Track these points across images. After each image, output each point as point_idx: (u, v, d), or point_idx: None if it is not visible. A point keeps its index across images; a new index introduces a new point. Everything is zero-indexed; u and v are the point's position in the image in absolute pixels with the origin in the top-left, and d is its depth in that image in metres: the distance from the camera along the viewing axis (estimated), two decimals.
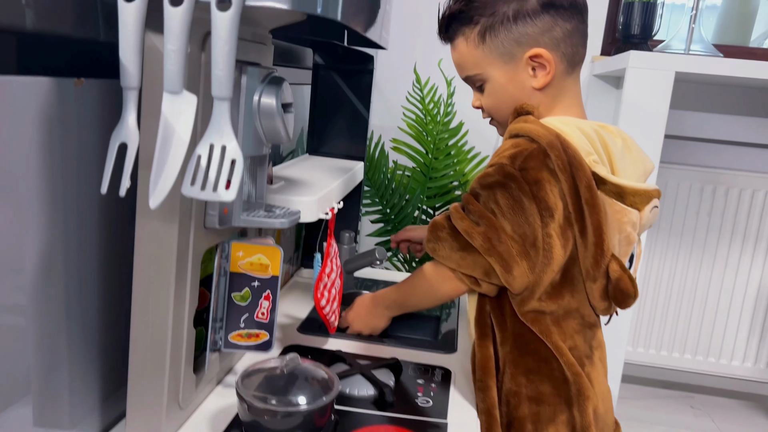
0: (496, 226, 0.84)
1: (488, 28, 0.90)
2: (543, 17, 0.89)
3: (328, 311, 0.99)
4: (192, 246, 0.72)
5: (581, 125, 0.90)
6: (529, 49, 0.90)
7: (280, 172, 1.13)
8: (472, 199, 0.87)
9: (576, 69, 0.94)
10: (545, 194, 0.83)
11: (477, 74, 0.94)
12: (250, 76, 0.73)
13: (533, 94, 0.92)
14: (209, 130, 0.57)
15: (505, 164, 0.84)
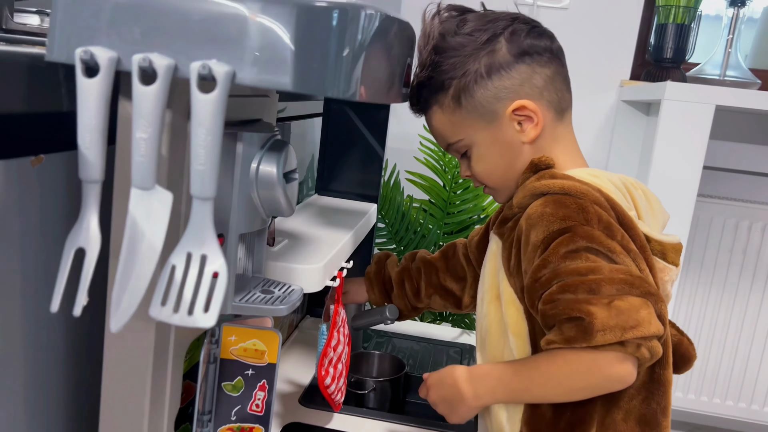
0: (611, 267, 0.70)
1: (462, 90, 0.80)
2: (518, 66, 0.79)
3: (333, 390, 0.88)
4: (173, 339, 0.61)
5: (611, 178, 0.80)
6: (511, 102, 0.80)
7: (283, 223, 1.02)
8: (562, 270, 0.70)
9: (565, 115, 0.84)
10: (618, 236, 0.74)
11: (459, 141, 0.84)
12: (246, 143, 0.62)
13: (524, 150, 0.82)
14: (186, 235, 0.46)
15: (572, 225, 0.72)
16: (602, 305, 0.68)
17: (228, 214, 0.63)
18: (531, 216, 0.75)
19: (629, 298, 0.69)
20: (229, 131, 0.61)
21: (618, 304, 0.68)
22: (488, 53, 0.79)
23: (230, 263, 0.65)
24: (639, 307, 0.68)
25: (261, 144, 0.64)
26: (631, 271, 0.71)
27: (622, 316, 0.67)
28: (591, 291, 0.69)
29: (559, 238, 0.72)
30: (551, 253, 0.72)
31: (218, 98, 0.43)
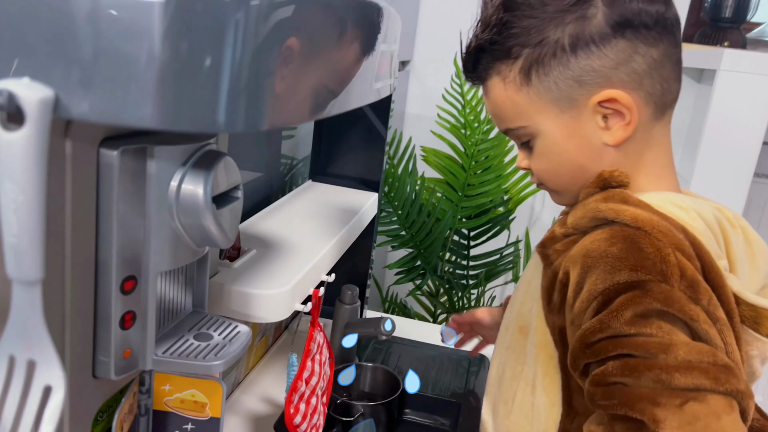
0: (688, 342, 0.53)
1: (535, 62, 0.61)
2: (616, 43, 0.59)
3: (304, 429, 0.75)
4: (68, 411, 0.48)
5: (702, 211, 0.61)
6: (598, 90, 0.60)
7: (257, 225, 0.88)
8: (624, 341, 0.54)
9: (667, 112, 0.64)
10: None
11: (521, 127, 0.65)
12: (160, 160, 0.48)
13: (606, 153, 0.63)
14: (6, 332, 0.32)
15: (646, 280, 0.54)
16: (672, 408, 0.51)
17: (140, 251, 0.49)
18: (590, 252, 0.57)
19: (710, 398, 0.51)
20: (136, 146, 0.47)
21: (693, 408, 0.51)
22: (577, 19, 0.60)
23: (147, 309, 0.51)
24: (721, 411, 0.51)
25: (183, 159, 0.50)
26: (716, 355, 0.53)
27: (698, 424, 0.51)
28: (659, 381, 0.52)
29: (626, 294, 0.54)
30: (613, 315, 0.54)
31: (30, 139, 0.28)
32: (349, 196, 1.08)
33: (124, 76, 0.29)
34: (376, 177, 1.13)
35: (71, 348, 0.47)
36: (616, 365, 0.54)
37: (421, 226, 1.46)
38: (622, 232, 0.57)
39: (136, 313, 0.51)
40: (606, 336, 0.54)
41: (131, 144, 0.47)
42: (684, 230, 0.57)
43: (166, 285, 0.56)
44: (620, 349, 0.53)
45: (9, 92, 0.27)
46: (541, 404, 0.63)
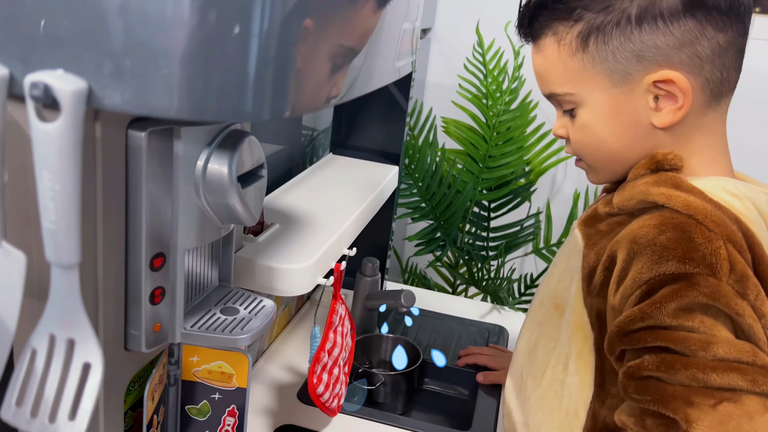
0: (728, 340, 0.54)
1: (596, 29, 0.59)
2: (685, 22, 0.57)
3: (327, 398, 0.78)
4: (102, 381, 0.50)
5: (756, 199, 0.60)
6: (656, 69, 0.58)
7: (280, 200, 0.89)
8: (664, 334, 0.54)
9: (723, 101, 0.62)
10: None
11: (568, 93, 0.63)
12: (186, 140, 0.49)
13: (652, 135, 0.61)
14: (47, 312, 0.34)
15: (693, 273, 0.54)
16: (706, 408, 0.52)
17: (168, 229, 0.51)
18: (638, 238, 0.57)
19: (745, 399, 0.52)
20: (163, 127, 0.48)
21: (727, 408, 0.52)
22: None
23: (176, 286, 0.53)
24: (755, 412, 0.52)
25: (208, 139, 0.51)
26: (756, 355, 0.53)
27: (730, 425, 0.51)
28: (695, 380, 0.52)
29: (672, 286, 0.54)
30: (656, 306, 0.54)
31: (65, 129, 0.29)
32: (369, 169, 1.09)
33: (154, 68, 0.30)
34: (396, 150, 1.14)
35: (104, 323, 0.49)
36: (653, 360, 0.54)
37: (441, 198, 1.46)
38: (672, 220, 0.56)
39: (165, 288, 0.53)
40: (646, 326, 0.55)
41: (158, 125, 0.47)
42: (737, 221, 0.56)
43: (194, 261, 0.57)
44: (659, 341, 0.54)
45: (45, 84, 0.28)
46: (573, 384, 0.64)
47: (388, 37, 0.48)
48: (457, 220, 1.48)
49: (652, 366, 0.54)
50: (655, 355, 0.54)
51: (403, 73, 0.60)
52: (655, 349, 0.55)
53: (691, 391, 0.52)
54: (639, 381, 0.55)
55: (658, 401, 0.53)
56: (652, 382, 0.54)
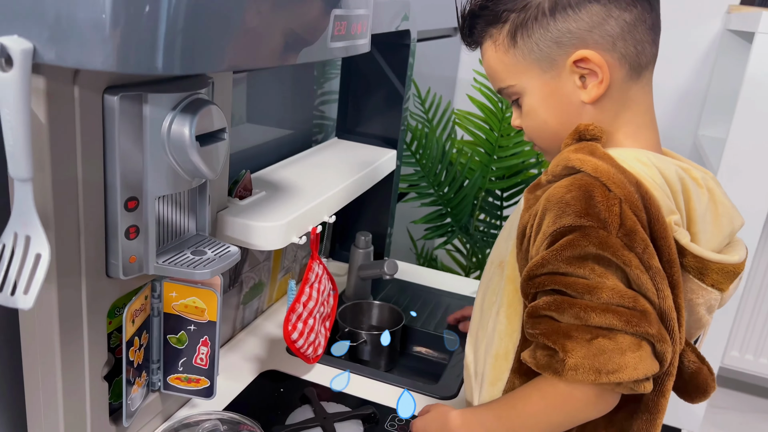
0: (614, 287, 0.61)
1: (519, 26, 0.68)
2: (590, 7, 0.66)
3: (302, 344, 0.88)
4: (86, 300, 0.63)
5: (664, 168, 0.67)
6: (574, 51, 0.67)
7: (276, 173, 1.00)
8: (558, 278, 0.62)
9: (644, 74, 0.70)
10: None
11: (510, 86, 0.72)
12: (153, 105, 0.60)
13: (584, 110, 0.69)
14: (12, 216, 0.46)
15: (586, 226, 0.61)
16: (582, 341, 0.60)
17: (140, 178, 0.62)
18: (550, 197, 0.65)
19: (619, 337, 0.59)
20: (134, 92, 0.60)
21: (601, 343, 0.59)
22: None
23: (148, 226, 0.64)
24: (626, 348, 0.59)
25: (173, 105, 0.62)
26: (637, 301, 0.60)
27: (602, 357, 0.59)
28: (577, 318, 0.60)
29: (568, 236, 0.61)
30: (554, 254, 0.62)
31: (18, 77, 0.41)
32: (368, 152, 1.18)
33: (79, 33, 0.41)
34: (395, 135, 1.23)
35: (86, 252, 0.61)
36: (548, 300, 0.63)
37: (449, 185, 1.54)
38: (580, 180, 0.64)
39: (139, 227, 0.64)
40: (546, 271, 0.63)
41: (129, 91, 0.59)
42: (638, 184, 0.63)
43: (168, 208, 0.69)
44: (555, 284, 0.62)
45: (2, 45, 0.40)
46: (503, 330, 0.72)
47: (311, 21, 0.58)
48: (467, 207, 1.56)
49: (545, 306, 0.62)
50: (550, 297, 0.62)
51: (352, 51, 0.70)
52: (552, 292, 0.63)
53: (573, 327, 0.60)
54: (535, 319, 0.63)
55: (545, 335, 0.62)
56: (545, 320, 0.62)
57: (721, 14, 1.91)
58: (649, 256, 0.62)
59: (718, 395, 2.07)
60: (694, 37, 1.93)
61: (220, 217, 0.81)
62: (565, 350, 0.60)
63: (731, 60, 1.85)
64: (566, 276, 0.62)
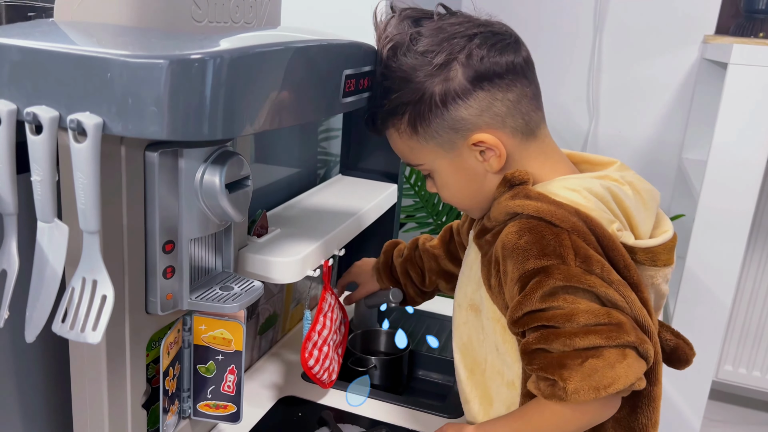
0: (587, 309, 0.68)
1: (417, 116, 0.74)
2: (476, 94, 0.72)
3: (318, 371, 0.95)
4: (129, 335, 0.70)
5: (591, 187, 0.74)
6: (469, 134, 0.74)
7: (288, 211, 1.08)
8: (538, 315, 0.69)
9: (538, 132, 0.77)
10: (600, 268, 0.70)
11: (420, 164, 0.80)
12: (187, 159, 0.68)
13: (490, 177, 0.77)
14: (81, 263, 0.53)
15: (547, 265, 0.68)
16: (575, 367, 0.67)
17: (176, 223, 0.70)
18: (506, 245, 0.72)
19: (605, 353, 0.67)
20: (171, 149, 0.67)
21: (592, 363, 0.66)
22: (443, 80, 0.72)
23: (183, 265, 0.72)
24: (614, 362, 0.66)
25: (205, 157, 0.69)
26: (611, 316, 0.67)
27: (596, 376, 0.66)
28: (566, 345, 0.67)
29: (535, 279, 0.69)
30: (527, 296, 0.69)
31: (90, 147, 0.48)
32: (370, 188, 1.26)
33: (141, 108, 0.49)
34: (395, 170, 1.31)
35: (129, 291, 0.68)
36: (535, 336, 0.70)
37: (446, 215, 1.62)
38: (527, 224, 0.71)
39: (174, 267, 0.71)
40: (524, 312, 0.70)
41: (167, 147, 0.67)
42: (577, 212, 0.71)
43: (200, 249, 0.76)
44: (536, 321, 0.69)
45: (78, 120, 0.48)
46: (509, 361, 0.78)
47: (326, 83, 0.66)
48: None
49: (534, 341, 0.69)
50: (536, 332, 0.69)
51: (358, 105, 0.77)
52: (537, 328, 0.69)
53: (565, 355, 0.67)
54: (529, 354, 0.70)
55: (542, 368, 0.69)
56: (538, 354, 0.69)
57: (698, 43, 2.02)
58: (608, 273, 0.70)
59: (714, 409, 2.13)
60: (674, 64, 2.03)
61: (241, 254, 0.88)
62: (563, 379, 0.67)
63: (709, 87, 1.95)
64: (544, 311, 0.69)
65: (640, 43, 2.03)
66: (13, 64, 0.51)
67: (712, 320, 1.66)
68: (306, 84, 0.63)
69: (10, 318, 0.55)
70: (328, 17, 1.36)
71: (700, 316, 1.66)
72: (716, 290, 1.64)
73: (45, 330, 0.61)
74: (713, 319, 1.66)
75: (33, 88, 0.50)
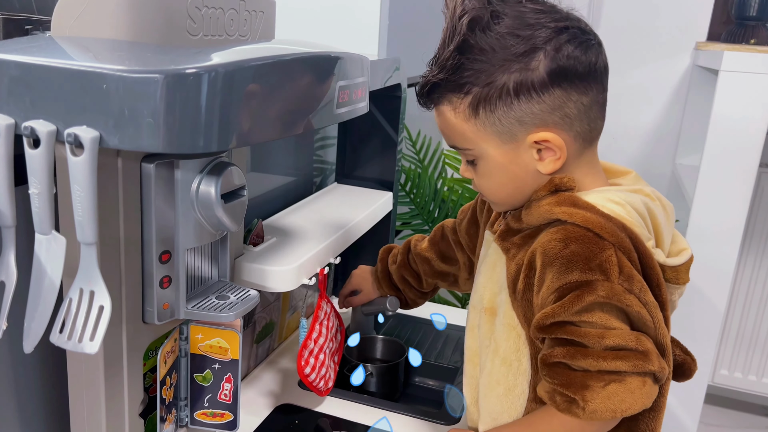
0: (618, 332, 0.68)
1: (483, 100, 0.71)
2: (552, 91, 0.69)
3: (314, 378, 0.95)
4: (126, 344, 0.70)
5: (633, 202, 0.74)
6: (535, 130, 0.71)
7: (284, 219, 1.09)
8: (570, 329, 0.69)
9: (594, 143, 0.76)
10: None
11: (468, 149, 0.76)
12: (183, 170, 0.69)
13: (539, 178, 0.75)
14: (78, 274, 0.54)
15: (592, 280, 0.68)
16: (598, 389, 0.67)
17: (172, 233, 0.71)
18: (548, 252, 0.70)
19: (627, 379, 0.68)
20: (167, 160, 0.68)
21: (613, 388, 0.67)
22: (522, 68, 0.69)
23: (179, 275, 0.72)
24: (635, 388, 0.68)
25: (200, 168, 0.70)
26: (639, 342, 0.68)
27: (615, 399, 0.67)
28: (591, 365, 0.68)
29: (576, 291, 0.68)
30: (564, 307, 0.68)
31: (87, 160, 0.49)
32: (365, 195, 1.27)
33: (138, 123, 0.50)
34: (390, 177, 1.32)
35: (126, 301, 0.69)
36: (561, 350, 0.70)
37: (434, 220, 1.63)
38: (574, 234, 0.69)
39: (171, 277, 0.72)
40: (556, 321, 0.70)
41: (163, 159, 0.68)
42: (624, 227, 0.70)
43: (196, 259, 0.77)
44: (565, 334, 0.69)
45: (75, 134, 0.49)
46: (518, 370, 0.78)
47: (320, 94, 0.67)
48: None
49: (559, 355, 0.69)
50: (563, 347, 0.69)
51: (354, 114, 0.79)
52: (563, 341, 0.69)
53: (588, 375, 0.68)
54: (550, 366, 0.70)
55: (563, 385, 0.69)
56: (560, 368, 0.70)
57: (689, 50, 2.04)
58: (645, 293, 0.69)
59: (710, 413, 2.14)
60: (667, 72, 2.05)
61: (237, 263, 0.89)
62: (585, 399, 0.68)
63: (701, 93, 1.97)
64: (575, 326, 0.69)
65: (633, 50, 2.05)
66: (11, 78, 0.51)
67: (708, 325, 1.67)
68: (300, 96, 0.64)
69: (8, 329, 0.56)
70: (322, 28, 1.37)
71: (696, 320, 1.67)
72: (711, 295, 1.65)
73: (43, 340, 0.61)
74: (708, 323, 1.67)
75: (31, 102, 0.51)
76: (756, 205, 1.93)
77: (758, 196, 1.94)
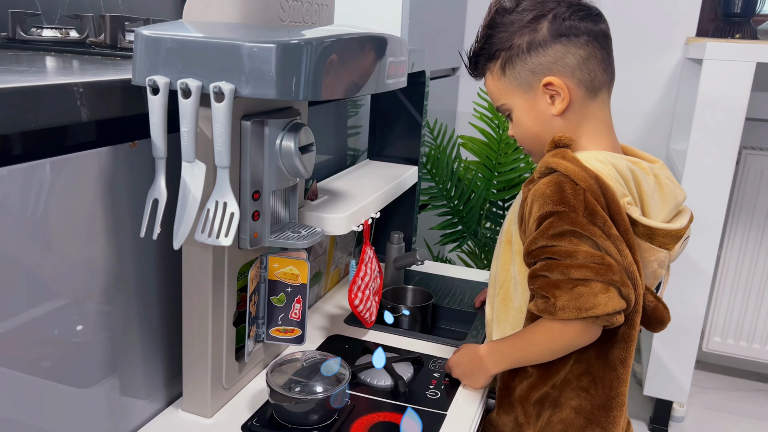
0: (586, 251, 0.86)
1: (507, 60, 0.96)
2: (554, 46, 0.93)
3: (362, 309, 1.15)
4: (227, 264, 0.90)
5: (617, 163, 0.93)
6: (544, 77, 0.94)
7: (330, 184, 1.29)
8: (547, 249, 0.88)
9: (599, 94, 0.96)
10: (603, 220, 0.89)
11: (504, 104, 1.00)
12: (271, 127, 0.89)
13: (554, 122, 0.96)
14: (215, 190, 0.74)
15: (561, 211, 0.87)
16: (567, 289, 0.86)
17: (262, 177, 0.91)
18: (536, 192, 0.92)
19: (592, 284, 0.85)
20: (259, 119, 0.89)
21: (580, 289, 0.85)
22: (531, 31, 0.93)
23: (266, 211, 0.93)
24: (598, 291, 0.85)
25: (283, 126, 0.91)
26: (603, 259, 0.86)
27: (581, 299, 0.85)
28: (562, 273, 0.86)
29: (549, 219, 0.88)
30: (541, 233, 0.89)
31: (226, 106, 0.70)
32: (394, 169, 1.48)
33: (260, 78, 0.70)
34: (415, 155, 1.53)
35: None
36: (542, 264, 0.90)
37: (458, 198, 1.84)
38: (555, 179, 0.91)
39: (260, 212, 0.92)
40: (537, 246, 0.90)
41: (256, 118, 0.88)
42: (596, 177, 0.90)
43: (276, 202, 0.97)
44: (545, 254, 0.90)
45: (219, 86, 0.69)
46: (519, 290, 0.99)
47: (377, 65, 0.88)
48: (474, 216, 1.85)
49: (540, 268, 0.90)
50: (543, 262, 0.89)
51: (398, 86, 0.99)
52: (544, 259, 0.90)
53: (560, 281, 0.87)
54: (533, 278, 0.91)
55: (541, 288, 0.89)
56: (540, 278, 0.90)
57: (680, 45, 2.24)
58: (609, 228, 0.89)
59: (704, 378, 2.32)
60: (660, 64, 2.25)
61: (301, 212, 1.09)
62: (555, 296, 0.87)
63: (691, 83, 2.16)
64: (552, 247, 0.89)
65: (628, 45, 2.26)
66: (167, 50, 0.72)
67: (697, 291, 1.86)
68: (364, 65, 0.84)
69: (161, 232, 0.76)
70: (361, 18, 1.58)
71: (686, 287, 1.86)
72: (700, 262, 1.84)
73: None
74: (698, 290, 1.86)
75: (183, 65, 0.72)
76: (743, 181, 2.12)
77: (741, 163, 2.13)
